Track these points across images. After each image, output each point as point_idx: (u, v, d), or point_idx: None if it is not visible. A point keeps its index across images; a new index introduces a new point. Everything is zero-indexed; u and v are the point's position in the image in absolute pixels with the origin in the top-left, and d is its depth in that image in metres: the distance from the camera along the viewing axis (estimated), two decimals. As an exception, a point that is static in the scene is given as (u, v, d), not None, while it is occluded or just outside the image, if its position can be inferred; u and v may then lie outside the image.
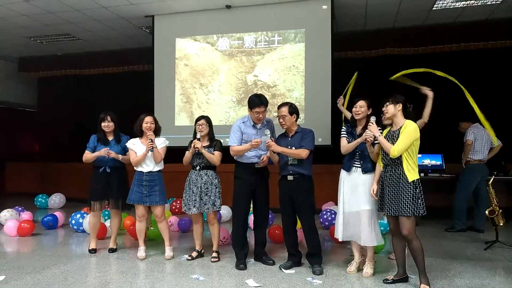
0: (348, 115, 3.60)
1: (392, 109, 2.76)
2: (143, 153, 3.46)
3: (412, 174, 2.65)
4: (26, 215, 5.00)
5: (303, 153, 3.04)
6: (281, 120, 3.15)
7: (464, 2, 5.36)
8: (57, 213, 5.03)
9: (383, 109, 2.81)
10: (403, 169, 2.67)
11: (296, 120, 3.19)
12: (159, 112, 5.74)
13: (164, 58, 6.09)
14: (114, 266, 3.32)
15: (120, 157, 3.62)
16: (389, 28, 6.34)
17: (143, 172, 3.50)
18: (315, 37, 5.47)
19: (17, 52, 7.97)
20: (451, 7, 5.53)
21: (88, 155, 3.62)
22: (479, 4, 5.42)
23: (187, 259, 3.46)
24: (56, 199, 6.55)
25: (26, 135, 9.34)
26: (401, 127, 2.72)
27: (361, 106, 2.98)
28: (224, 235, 3.94)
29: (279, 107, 3.19)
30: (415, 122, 2.77)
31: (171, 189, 4.19)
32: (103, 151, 3.53)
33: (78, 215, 4.68)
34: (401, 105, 2.75)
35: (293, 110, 3.15)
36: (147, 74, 6.48)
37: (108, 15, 5.91)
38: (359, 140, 2.92)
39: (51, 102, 8.72)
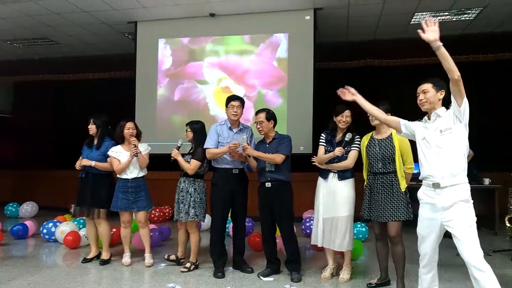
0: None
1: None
2: (127, 160, 3.40)
3: (404, 182, 2.74)
4: (-5, 224, 4.76)
5: (278, 158, 3.03)
6: (258, 126, 3.15)
7: (439, 18, 5.58)
8: (28, 222, 4.81)
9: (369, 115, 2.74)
10: (397, 177, 2.73)
11: (274, 127, 3.19)
12: (140, 119, 5.62)
13: (146, 65, 6.03)
14: (86, 276, 3.18)
15: (92, 163, 3.44)
16: (370, 40, 6.51)
17: (128, 179, 3.43)
18: (297, 46, 5.54)
19: (-9, 55, 7.71)
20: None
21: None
22: (453, 19, 5.66)
23: (164, 257, 3.50)
24: (28, 208, 6.26)
25: (-1, 141, 8.96)
26: (389, 136, 2.75)
27: (347, 116, 2.98)
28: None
29: (257, 113, 3.20)
30: None
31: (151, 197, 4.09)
32: (77, 164, 3.54)
33: (50, 224, 4.48)
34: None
35: (271, 116, 3.16)
36: (128, 81, 6.38)
37: (90, 20, 5.82)
38: (331, 154, 2.94)
39: (28, 108, 8.41)
